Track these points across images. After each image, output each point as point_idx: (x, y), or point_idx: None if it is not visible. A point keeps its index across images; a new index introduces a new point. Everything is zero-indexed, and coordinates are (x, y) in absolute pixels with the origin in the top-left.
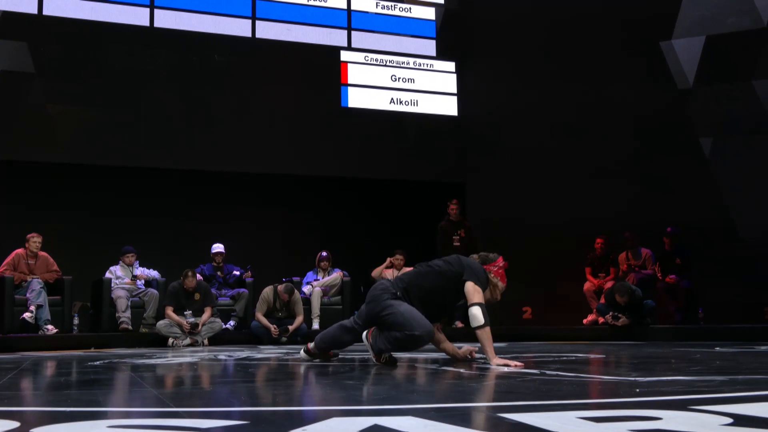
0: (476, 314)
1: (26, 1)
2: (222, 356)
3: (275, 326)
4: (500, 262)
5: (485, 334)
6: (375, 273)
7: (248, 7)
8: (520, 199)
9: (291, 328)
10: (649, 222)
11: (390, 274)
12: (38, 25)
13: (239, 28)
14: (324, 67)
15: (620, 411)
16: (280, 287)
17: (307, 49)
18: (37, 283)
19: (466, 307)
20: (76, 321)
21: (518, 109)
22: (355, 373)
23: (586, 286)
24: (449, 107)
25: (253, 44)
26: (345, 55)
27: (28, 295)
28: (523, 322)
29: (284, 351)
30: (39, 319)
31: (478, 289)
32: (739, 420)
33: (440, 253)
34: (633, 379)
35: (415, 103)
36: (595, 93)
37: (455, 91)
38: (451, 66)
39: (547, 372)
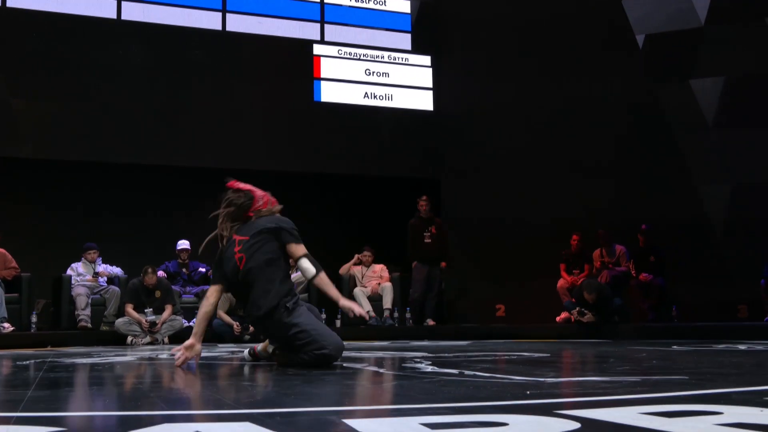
0: (307, 267)
1: None
2: (164, 356)
3: (237, 323)
4: (255, 192)
5: (322, 282)
6: (343, 270)
7: (218, 0)
8: (495, 196)
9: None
10: (624, 219)
11: (358, 271)
12: (1, 18)
13: (209, 20)
14: (296, 61)
15: (475, 416)
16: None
17: (279, 42)
18: None
19: (435, 303)
20: (34, 319)
21: (495, 104)
22: (254, 374)
23: (560, 283)
24: (424, 102)
25: (223, 37)
26: (318, 49)
27: None
28: (495, 319)
29: (235, 349)
30: None
31: (299, 244)
32: (586, 425)
33: (410, 251)
34: (541, 380)
35: (390, 97)
36: (571, 90)
37: (431, 86)
38: (426, 60)
39: (466, 372)
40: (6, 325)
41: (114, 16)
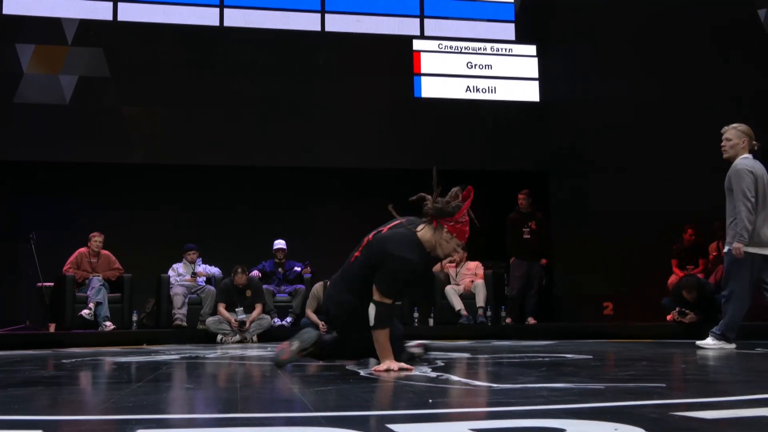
0: (370, 313)
1: (102, 9)
2: (211, 354)
3: (323, 323)
4: (462, 215)
5: (378, 336)
6: (436, 268)
7: (317, 1)
8: (603, 189)
9: None
10: None
11: (453, 269)
12: (113, 30)
13: (308, 22)
14: (396, 58)
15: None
16: (330, 283)
17: (378, 40)
18: (96, 281)
19: (536, 300)
20: (135, 317)
21: (603, 94)
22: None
23: (671, 279)
24: (530, 93)
25: (322, 37)
26: (418, 44)
27: (88, 292)
28: (603, 318)
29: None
30: (98, 315)
31: (379, 289)
32: None
33: (509, 246)
34: (495, 386)
35: (493, 90)
36: (680, 79)
37: (536, 76)
38: (531, 50)
39: (444, 376)
40: (108, 323)
41: (217, 23)
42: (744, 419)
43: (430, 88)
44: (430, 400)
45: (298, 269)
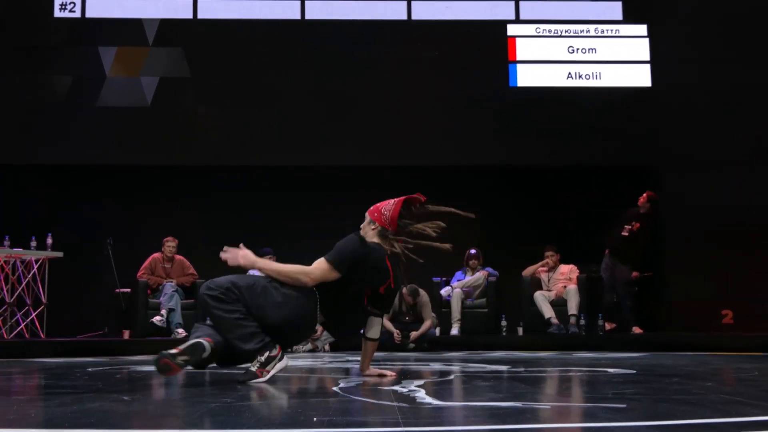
0: None
1: (182, 7)
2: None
3: (398, 331)
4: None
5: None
6: (526, 272)
7: None
8: (724, 183)
9: (414, 333)
10: None
11: (545, 274)
12: (193, 29)
13: (394, 11)
14: (489, 45)
15: None
16: (405, 289)
17: (469, 26)
18: (169, 287)
19: (634, 307)
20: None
21: (723, 76)
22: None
23: None
24: (640, 78)
25: (409, 27)
26: (512, 29)
27: (161, 298)
28: (721, 327)
29: (336, 359)
30: (171, 322)
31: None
32: None
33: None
34: (428, 402)
35: (598, 75)
36: None
37: (648, 59)
38: (642, 29)
39: (417, 397)
40: (180, 330)
41: (298, 17)
42: None
43: (527, 77)
44: (315, 419)
45: None
